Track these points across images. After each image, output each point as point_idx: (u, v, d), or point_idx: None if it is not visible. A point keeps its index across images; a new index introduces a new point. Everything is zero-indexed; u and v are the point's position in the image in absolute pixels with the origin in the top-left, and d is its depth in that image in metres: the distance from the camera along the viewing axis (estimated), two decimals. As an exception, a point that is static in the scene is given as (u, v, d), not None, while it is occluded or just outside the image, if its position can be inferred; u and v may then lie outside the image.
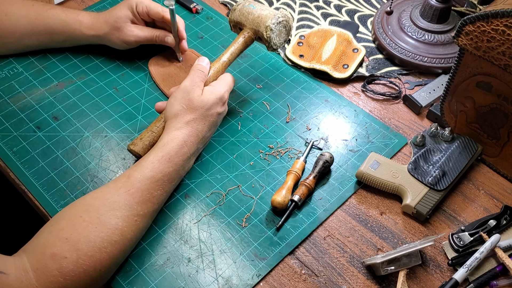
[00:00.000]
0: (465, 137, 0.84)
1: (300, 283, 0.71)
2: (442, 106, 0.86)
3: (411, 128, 0.90)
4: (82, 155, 0.84)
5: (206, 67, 0.82)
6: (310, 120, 0.90)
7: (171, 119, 0.77)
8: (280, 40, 0.87)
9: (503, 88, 0.75)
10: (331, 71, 0.96)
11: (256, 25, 0.85)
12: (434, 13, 0.97)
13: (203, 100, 0.77)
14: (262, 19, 0.84)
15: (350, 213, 0.78)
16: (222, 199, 0.79)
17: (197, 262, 0.72)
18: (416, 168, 0.80)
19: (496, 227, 0.74)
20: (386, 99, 0.95)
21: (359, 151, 0.86)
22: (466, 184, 0.82)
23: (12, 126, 0.87)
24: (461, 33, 0.74)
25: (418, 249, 0.70)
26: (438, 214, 0.78)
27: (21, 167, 0.82)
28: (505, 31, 0.69)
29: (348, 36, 1.03)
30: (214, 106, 0.78)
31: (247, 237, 0.75)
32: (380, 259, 0.69)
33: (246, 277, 0.71)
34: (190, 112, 0.76)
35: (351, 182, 0.82)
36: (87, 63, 0.98)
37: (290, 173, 0.80)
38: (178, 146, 0.74)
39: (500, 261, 0.71)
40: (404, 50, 0.98)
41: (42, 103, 0.91)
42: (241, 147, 0.86)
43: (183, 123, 0.76)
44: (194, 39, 1.04)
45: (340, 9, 1.12)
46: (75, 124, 0.88)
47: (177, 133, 0.75)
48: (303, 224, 0.76)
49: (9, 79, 0.94)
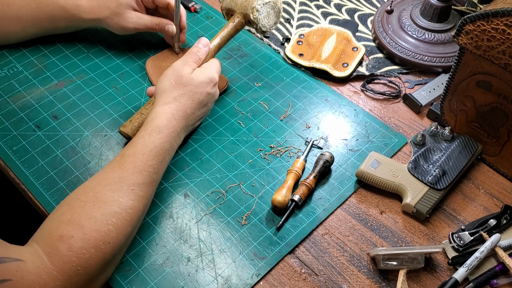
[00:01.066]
0: (465, 136, 0.84)
1: (300, 282, 0.71)
2: (442, 105, 0.86)
3: (411, 127, 0.90)
4: (82, 154, 0.84)
5: (201, 50, 0.84)
6: (310, 119, 0.90)
7: (159, 94, 0.79)
8: (269, 22, 0.89)
9: (503, 87, 0.75)
10: (331, 69, 0.96)
11: (244, 9, 0.87)
12: (434, 12, 0.97)
13: (192, 78, 0.80)
14: (249, 2, 0.86)
15: (350, 212, 0.78)
16: (222, 197, 0.79)
17: (197, 262, 0.72)
18: (416, 167, 0.80)
19: (496, 227, 0.74)
20: (386, 98, 0.94)
21: (359, 150, 0.86)
22: (466, 183, 0.82)
23: (12, 125, 0.87)
24: (461, 32, 0.74)
25: (423, 252, 0.70)
26: (438, 213, 0.78)
27: (21, 166, 0.82)
28: (505, 30, 0.68)
29: (348, 34, 1.02)
30: (203, 84, 0.80)
31: (246, 237, 0.75)
32: (382, 252, 0.69)
33: (246, 277, 0.71)
34: (178, 87, 0.79)
35: (351, 182, 0.82)
36: (87, 62, 0.98)
37: (291, 172, 0.80)
38: (166, 119, 0.76)
39: (500, 260, 0.71)
40: (404, 49, 0.98)
41: (42, 102, 0.91)
42: (241, 146, 0.86)
43: (171, 98, 0.78)
44: (194, 38, 1.04)
45: (340, 8, 1.12)
46: (75, 123, 0.88)
47: (165, 107, 0.77)
48: (303, 224, 0.76)
49: (8, 78, 0.94)
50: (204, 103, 0.82)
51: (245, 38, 1.04)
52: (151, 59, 0.98)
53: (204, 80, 0.81)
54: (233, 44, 1.03)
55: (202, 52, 0.84)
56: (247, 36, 1.05)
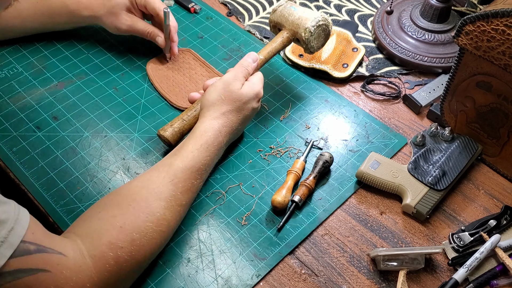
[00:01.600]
0: (465, 136, 0.84)
1: (300, 282, 0.71)
2: (442, 105, 0.86)
3: (411, 128, 0.90)
4: (82, 155, 0.84)
5: (251, 65, 0.83)
6: (310, 120, 0.90)
7: (208, 107, 0.78)
8: (318, 44, 0.88)
9: (503, 87, 0.75)
10: (331, 70, 0.96)
11: (296, 27, 0.85)
12: (434, 12, 0.97)
13: (242, 94, 0.79)
14: (302, 21, 0.85)
15: (350, 213, 0.78)
16: (222, 197, 0.79)
17: (197, 262, 0.72)
18: (416, 167, 0.80)
19: (496, 227, 0.74)
20: (386, 99, 0.94)
21: (359, 151, 0.86)
22: (466, 184, 0.82)
23: (12, 126, 0.87)
24: (461, 33, 0.74)
25: (423, 253, 0.70)
26: (438, 214, 0.78)
27: (21, 167, 0.82)
28: (505, 31, 0.68)
29: (348, 35, 1.02)
30: (250, 100, 0.80)
31: (246, 237, 0.75)
32: (382, 252, 0.69)
33: (246, 277, 0.70)
34: (227, 103, 0.77)
35: (351, 182, 0.82)
36: (87, 63, 0.98)
37: (290, 173, 0.80)
38: (214, 135, 0.75)
39: (500, 261, 0.71)
40: (404, 49, 0.98)
41: (42, 103, 0.91)
42: (241, 147, 0.86)
43: (219, 113, 0.77)
44: (194, 39, 1.04)
45: (340, 8, 1.12)
46: (75, 124, 0.88)
47: (214, 122, 0.76)
48: (302, 224, 0.76)
49: (9, 79, 0.94)
50: (249, 118, 0.82)
51: (245, 39, 1.04)
52: (151, 62, 0.98)
53: (252, 96, 0.80)
54: (233, 44, 1.03)
55: (251, 67, 0.83)
56: (247, 37, 1.05)
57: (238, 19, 1.10)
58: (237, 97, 0.78)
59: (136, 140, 0.86)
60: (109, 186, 0.79)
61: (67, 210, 0.77)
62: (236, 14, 1.10)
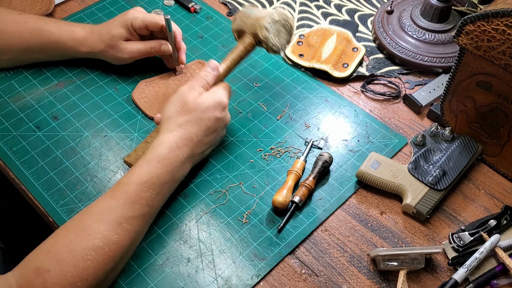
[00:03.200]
0: (466, 136, 0.84)
1: (300, 282, 0.71)
2: (443, 105, 0.86)
3: (411, 128, 0.90)
4: (82, 155, 0.84)
5: (210, 74, 0.79)
6: (310, 120, 0.90)
7: (164, 122, 0.75)
8: (280, 41, 0.83)
9: (504, 87, 0.75)
10: (331, 70, 0.96)
11: (254, 28, 0.82)
12: (434, 12, 0.97)
13: (198, 102, 0.75)
14: (258, 21, 0.81)
15: (350, 213, 0.78)
16: (222, 197, 0.79)
17: (197, 262, 0.72)
18: (416, 167, 0.80)
19: (496, 227, 0.74)
20: (386, 99, 0.94)
21: (359, 151, 0.86)
22: (466, 183, 0.82)
23: (12, 126, 0.87)
24: (462, 33, 0.74)
25: (423, 253, 0.70)
26: (438, 213, 0.78)
27: (21, 166, 0.82)
28: (505, 31, 0.68)
29: (348, 35, 1.02)
30: (210, 109, 0.75)
31: (246, 237, 0.75)
32: (382, 252, 0.69)
33: (246, 277, 0.70)
34: (183, 114, 0.74)
35: (351, 182, 0.82)
36: (87, 63, 0.98)
37: (291, 173, 0.80)
38: (168, 148, 0.71)
39: (500, 261, 0.71)
40: (404, 49, 0.98)
41: (42, 102, 0.91)
42: (241, 147, 0.86)
43: (175, 125, 0.73)
44: (194, 39, 1.04)
45: (340, 8, 1.12)
46: (75, 123, 0.88)
47: (168, 135, 0.73)
48: (303, 224, 0.76)
49: (9, 79, 0.94)
50: (213, 129, 0.77)
51: (245, 39, 1.04)
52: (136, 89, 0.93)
53: (212, 105, 0.75)
54: (233, 44, 1.03)
55: (210, 76, 0.78)
56: (247, 37, 1.05)
57: (238, 18, 1.10)
58: (193, 107, 0.74)
59: (136, 140, 0.86)
60: (109, 186, 0.79)
61: (67, 210, 0.77)
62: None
